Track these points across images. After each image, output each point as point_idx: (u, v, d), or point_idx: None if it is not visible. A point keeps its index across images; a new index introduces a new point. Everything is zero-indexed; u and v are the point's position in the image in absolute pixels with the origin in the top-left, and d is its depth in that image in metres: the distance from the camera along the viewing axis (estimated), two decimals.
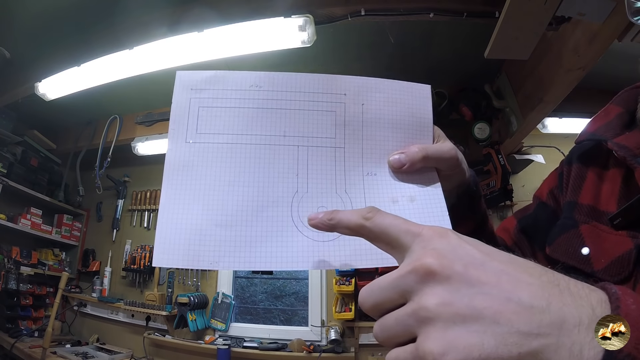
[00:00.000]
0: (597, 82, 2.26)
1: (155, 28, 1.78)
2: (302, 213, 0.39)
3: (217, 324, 2.70)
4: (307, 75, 0.44)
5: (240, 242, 0.37)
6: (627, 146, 0.45)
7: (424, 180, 0.42)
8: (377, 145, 0.43)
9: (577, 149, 0.56)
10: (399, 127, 0.44)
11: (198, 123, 0.45)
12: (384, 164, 0.42)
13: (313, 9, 1.57)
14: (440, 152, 0.43)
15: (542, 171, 2.69)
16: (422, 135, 0.44)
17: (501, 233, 0.66)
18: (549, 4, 1.24)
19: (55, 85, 2.08)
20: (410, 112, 0.45)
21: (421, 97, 0.46)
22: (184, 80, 0.47)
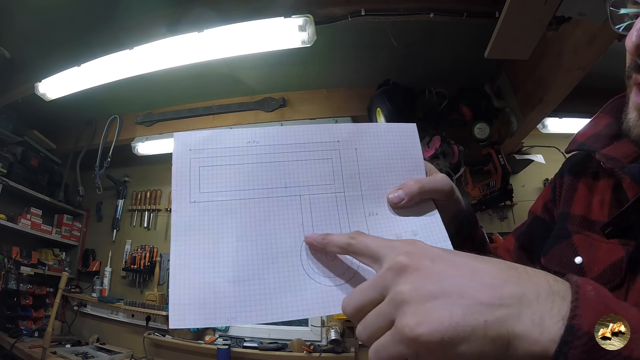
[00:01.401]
0: (597, 82, 2.26)
1: (155, 28, 1.78)
2: (312, 260, 0.40)
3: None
4: (301, 127, 0.46)
5: (255, 296, 0.38)
6: (615, 157, 0.47)
7: (422, 212, 0.44)
8: (375, 186, 0.45)
9: (568, 161, 0.60)
10: (392, 166, 0.46)
11: (200, 183, 0.45)
12: (383, 203, 0.45)
13: (313, 9, 1.57)
14: (435, 182, 0.45)
15: (542, 171, 2.69)
16: (414, 172, 0.47)
17: (503, 254, 0.66)
18: (549, 4, 1.24)
19: (55, 85, 2.08)
20: (400, 151, 0.47)
21: (409, 136, 0.48)
22: (183, 141, 0.46)
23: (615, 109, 0.55)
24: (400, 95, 2.10)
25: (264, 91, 2.55)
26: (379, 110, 2.11)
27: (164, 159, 3.02)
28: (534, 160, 2.51)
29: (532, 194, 2.70)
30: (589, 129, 0.56)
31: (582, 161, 0.56)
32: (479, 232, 0.56)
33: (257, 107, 2.54)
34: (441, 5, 1.55)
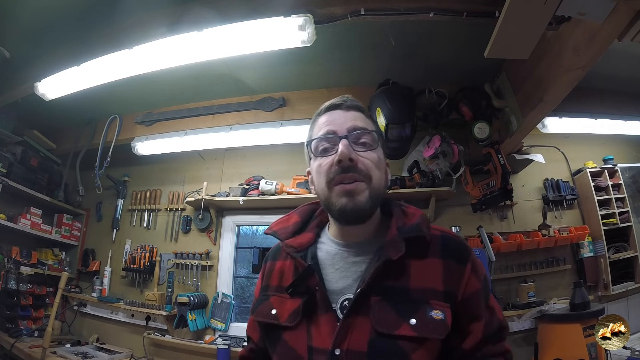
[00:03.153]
0: (597, 82, 2.26)
1: (155, 28, 1.78)
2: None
3: (217, 324, 2.70)
4: None
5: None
6: (293, 245, 0.77)
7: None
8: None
9: (270, 250, 0.88)
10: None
11: None
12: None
13: (313, 9, 1.57)
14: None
15: (542, 171, 2.70)
16: None
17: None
18: (549, 4, 1.24)
19: (55, 85, 2.08)
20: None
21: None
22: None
23: (304, 212, 0.87)
24: (400, 95, 2.10)
25: (264, 91, 2.55)
26: (379, 110, 2.11)
27: (164, 158, 3.02)
28: (533, 160, 2.51)
29: (532, 193, 2.70)
30: (282, 222, 0.84)
31: (279, 249, 0.84)
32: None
33: (257, 106, 2.54)
34: (441, 5, 1.55)
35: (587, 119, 2.44)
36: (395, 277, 0.69)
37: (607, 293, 2.42)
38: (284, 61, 2.19)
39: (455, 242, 0.74)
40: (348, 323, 0.66)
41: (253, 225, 3.48)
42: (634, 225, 2.57)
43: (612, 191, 2.59)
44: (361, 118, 0.77)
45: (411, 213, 0.76)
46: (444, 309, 0.66)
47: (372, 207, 0.73)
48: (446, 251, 0.72)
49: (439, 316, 0.65)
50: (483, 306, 0.72)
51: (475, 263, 0.73)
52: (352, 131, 0.74)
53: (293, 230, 0.81)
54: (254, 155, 2.98)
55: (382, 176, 0.75)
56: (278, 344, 0.73)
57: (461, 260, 0.71)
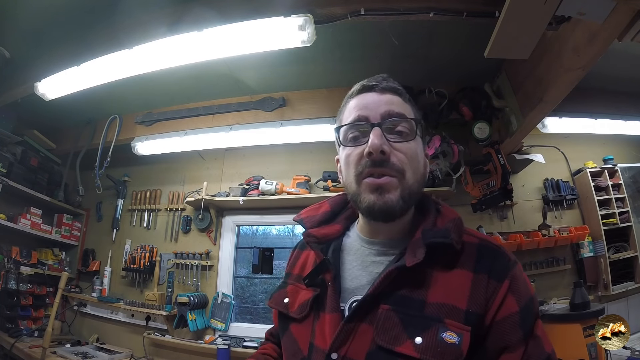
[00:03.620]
0: (597, 82, 2.26)
1: (155, 28, 1.78)
2: None
3: (217, 324, 2.70)
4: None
5: None
6: (316, 235, 0.73)
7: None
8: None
9: (301, 239, 0.82)
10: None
11: None
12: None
13: (313, 9, 1.57)
14: None
15: (542, 171, 2.70)
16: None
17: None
18: (548, 4, 1.24)
19: (55, 85, 2.08)
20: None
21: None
22: None
23: (336, 203, 0.81)
24: None
25: (264, 91, 2.55)
26: None
27: (164, 158, 3.02)
28: (533, 160, 2.51)
29: (532, 193, 2.70)
30: (312, 210, 0.79)
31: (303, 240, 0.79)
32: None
33: (257, 106, 2.54)
34: (441, 5, 1.55)
35: (587, 119, 2.44)
36: (412, 286, 0.61)
37: (607, 293, 2.42)
38: (284, 61, 2.19)
39: (494, 252, 0.63)
40: (350, 328, 0.61)
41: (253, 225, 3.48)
42: (634, 225, 2.57)
43: (612, 191, 2.59)
44: (399, 102, 0.69)
45: (444, 215, 0.67)
46: (462, 332, 0.57)
47: (404, 207, 0.64)
48: (480, 263, 0.62)
49: (453, 339, 0.56)
50: (520, 335, 0.58)
51: (518, 281, 0.61)
52: (386, 118, 0.66)
53: (320, 220, 0.76)
54: (254, 155, 2.98)
55: (419, 171, 0.67)
56: (285, 333, 0.71)
57: (497, 276, 0.60)
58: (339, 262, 0.70)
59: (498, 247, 0.65)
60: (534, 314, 0.61)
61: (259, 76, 2.39)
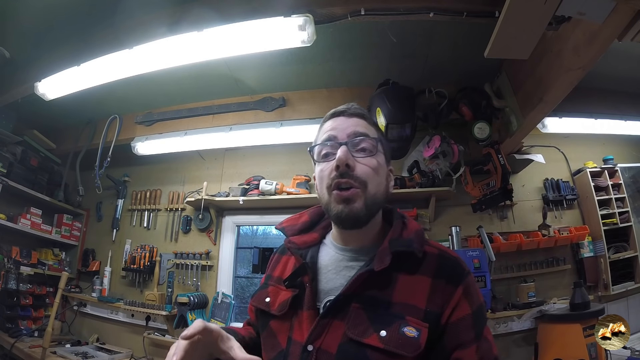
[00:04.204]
0: (597, 82, 2.26)
1: (155, 28, 1.78)
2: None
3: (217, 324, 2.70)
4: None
5: None
6: (296, 242, 0.81)
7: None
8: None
9: (281, 245, 0.90)
10: None
11: None
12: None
13: (313, 9, 1.57)
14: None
15: (542, 171, 2.70)
16: None
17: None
18: (548, 4, 1.24)
19: (55, 85, 2.08)
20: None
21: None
22: None
23: (315, 213, 0.89)
24: (400, 94, 2.10)
25: (264, 91, 2.55)
26: (379, 110, 2.11)
27: (164, 158, 3.02)
28: (533, 160, 2.51)
29: (532, 193, 2.70)
30: (292, 220, 0.88)
31: (283, 246, 0.88)
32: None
33: (257, 106, 2.54)
34: (441, 5, 1.55)
35: (587, 119, 2.44)
36: (380, 288, 0.70)
37: (607, 293, 2.42)
38: (284, 61, 2.19)
39: (451, 262, 0.73)
40: (324, 323, 0.69)
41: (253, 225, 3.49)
42: (634, 225, 2.57)
43: (612, 191, 2.59)
44: (363, 124, 0.79)
45: (410, 227, 0.77)
46: (420, 328, 0.65)
47: (368, 214, 0.74)
48: (439, 270, 0.71)
49: (412, 333, 0.65)
50: (473, 335, 0.67)
51: (470, 287, 0.70)
52: (352, 137, 0.76)
53: (300, 229, 0.86)
54: (254, 155, 2.98)
55: (381, 182, 0.76)
56: (266, 329, 0.79)
57: (453, 282, 0.69)
58: (316, 266, 0.79)
59: (455, 258, 0.75)
60: (484, 319, 0.71)
61: (259, 76, 2.39)
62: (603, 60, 1.48)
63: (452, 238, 2.24)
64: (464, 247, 2.29)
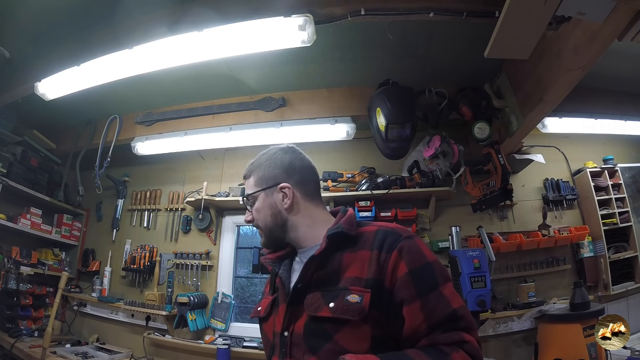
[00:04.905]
0: (597, 82, 2.26)
1: (155, 28, 1.78)
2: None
3: (217, 324, 2.70)
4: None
5: None
6: (270, 257, 0.95)
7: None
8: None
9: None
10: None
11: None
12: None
13: (313, 9, 1.57)
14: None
15: (542, 171, 2.70)
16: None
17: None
18: (549, 4, 1.24)
19: (55, 85, 2.07)
20: None
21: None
22: None
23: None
24: (400, 94, 2.10)
25: (264, 91, 2.54)
26: (379, 110, 2.11)
27: (164, 158, 3.02)
28: (533, 160, 2.51)
29: (532, 193, 2.70)
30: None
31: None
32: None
33: (257, 106, 2.54)
34: (441, 5, 1.55)
35: (587, 119, 2.44)
36: (328, 270, 0.82)
37: (607, 293, 2.42)
38: (284, 61, 2.19)
39: (385, 233, 0.82)
40: (292, 311, 0.82)
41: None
42: (634, 225, 2.57)
43: (612, 191, 2.59)
44: (248, 185, 0.97)
45: (345, 216, 0.89)
46: (362, 294, 0.75)
47: (272, 239, 0.93)
48: (375, 243, 0.80)
49: (355, 299, 0.75)
50: (414, 291, 0.74)
51: (405, 250, 0.78)
52: (242, 197, 0.99)
53: (276, 248, 1.01)
54: (254, 155, 2.89)
55: (268, 217, 0.92)
56: (261, 332, 0.94)
57: (387, 249, 0.78)
58: (290, 271, 0.92)
59: (392, 229, 0.84)
60: (432, 276, 0.77)
61: (259, 76, 2.39)
62: (603, 60, 1.48)
63: (452, 238, 2.23)
64: (464, 247, 2.29)
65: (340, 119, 2.42)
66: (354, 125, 2.43)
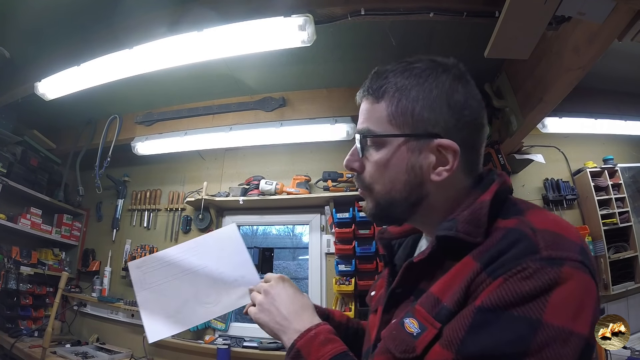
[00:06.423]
0: (597, 82, 2.26)
1: (155, 28, 1.78)
2: (204, 295, 0.84)
3: (217, 324, 2.70)
4: (179, 245, 0.88)
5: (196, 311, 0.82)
6: (391, 231, 0.73)
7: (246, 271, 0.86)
8: (222, 260, 0.87)
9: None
10: (227, 250, 0.88)
11: (145, 280, 0.84)
12: (228, 266, 0.85)
13: (313, 9, 1.57)
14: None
15: (542, 171, 2.69)
16: (240, 253, 0.88)
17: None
18: (548, 4, 1.24)
19: (55, 85, 2.08)
20: (228, 243, 0.89)
21: (230, 234, 0.91)
22: (133, 265, 0.86)
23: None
24: None
25: (264, 91, 2.55)
26: None
27: (164, 158, 3.02)
28: (533, 160, 2.51)
29: (532, 193, 2.70)
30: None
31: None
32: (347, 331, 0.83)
33: (257, 106, 2.54)
34: (441, 5, 1.55)
35: (587, 119, 2.44)
36: (427, 278, 0.55)
37: (607, 293, 2.42)
38: (284, 61, 2.19)
39: (517, 237, 0.46)
40: (386, 319, 0.60)
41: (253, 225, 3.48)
42: (634, 225, 2.57)
43: (612, 191, 2.59)
44: (368, 110, 0.61)
45: (472, 203, 0.55)
46: (426, 325, 0.48)
47: (386, 213, 0.61)
48: (490, 252, 0.47)
49: (412, 329, 0.50)
50: (458, 339, 0.44)
51: (525, 279, 0.43)
52: (358, 132, 0.61)
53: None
54: (254, 155, 2.98)
55: (396, 177, 0.58)
56: (367, 322, 0.72)
57: (495, 269, 0.45)
58: (401, 258, 0.70)
59: (535, 233, 0.46)
60: (499, 331, 0.42)
61: (259, 76, 2.39)
62: (603, 60, 1.48)
63: None
64: None
65: (340, 119, 2.42)
66: (354, 125, 2.43)
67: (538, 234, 0.46)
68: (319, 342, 0.60)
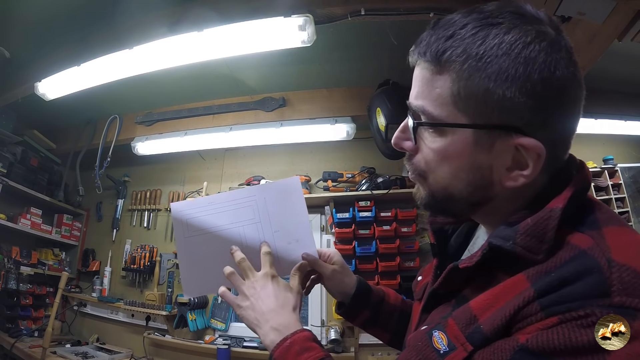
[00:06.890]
0: (597, 82, 2.26)
1: (155, 28, 1.78)
2: (249, 252, 0.75)
3: (217, 324, 2.70)
4: (231, 192, 0.82)
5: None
6: (448, 221, 0.65)
7: (302, 234, 0.79)
8: (278, 217, 0.78)
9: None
10: (286, 207, 0.79)
11: (187, 228, 0.78)
12: (283, 226, 0.78)
13: (313, 9, 1.57)
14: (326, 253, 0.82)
15: None
16: (300, 213, 0.80)
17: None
18: (548, 4, 1.24)
19: (55, 85, 2.07)
20: (288, 198, 0.80)
21: (293, 187, 0.81)
22: (176, 208, 0.80)
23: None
24: (400, 94, 2.10)
25: (264, 91, 2.55)
26: (379, 110, 2.11)
27: (164, 158, 3.02)
28: None
29: None
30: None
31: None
32: (374, 297, 0.81)
33: (257, 106, 2.54)
34: (441, 5, 1.55)
35: (587, 119, 2.44)
36: (473, 286, 0.48)
37: None
38: (284, 61, 2.19)
39: (585, 267, 0.38)
40: (424, 319, 0.55)
41: None
42: (634, 225, 2.57)
43: (612, 191, 2.59)
44: (426, 79, 0.50)
45: (540, 207, 0.44)
46: (456, 345, 0.42)
47: (443, 206, 0.52)
48: (547, 278, 0.39)
49: (439, 344, 0.44)
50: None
51: (571, 330, 0.35)
52: (412, 109, 0.51)
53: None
54: (254, 155, 2.98)
55: (457, 174, 0.47)
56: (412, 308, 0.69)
57: (550, 304, 0.38)
58: (453, 247, 0.63)
59: (607, 267, 0.37)
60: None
61: (259, 76, 2.39)
62: (603, 60, 1.48)
63: None
64: None
65: (340, 119, 2.42)
66: (354, 125, 2.43)
67: (614, 270, 0.36)
68: (294, 352, 0.59)
